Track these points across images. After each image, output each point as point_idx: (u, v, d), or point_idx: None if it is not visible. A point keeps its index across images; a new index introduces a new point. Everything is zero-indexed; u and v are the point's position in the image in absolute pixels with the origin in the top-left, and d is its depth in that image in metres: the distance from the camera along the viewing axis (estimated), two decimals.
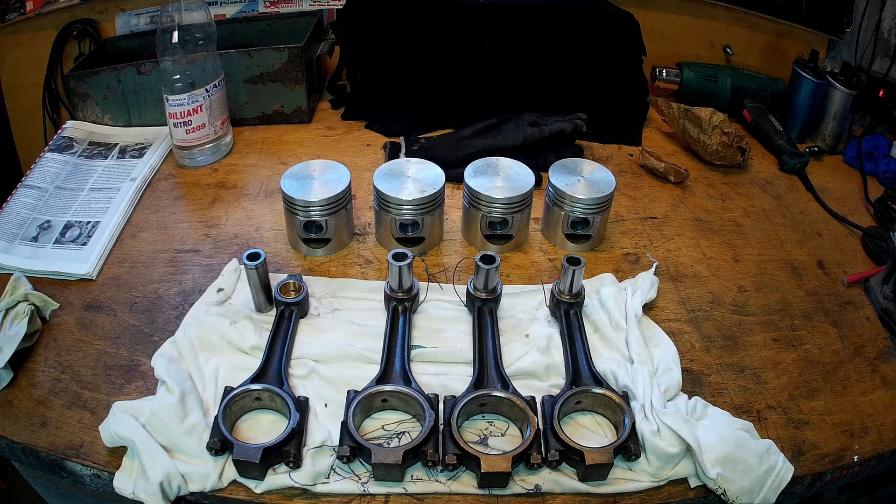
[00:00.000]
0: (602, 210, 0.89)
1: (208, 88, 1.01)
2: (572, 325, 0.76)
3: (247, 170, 1.07)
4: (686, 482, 0.64)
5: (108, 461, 0.64)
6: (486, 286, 0.77)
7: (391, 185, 0.86)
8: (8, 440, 0.66)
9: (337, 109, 1.25)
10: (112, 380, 0.72)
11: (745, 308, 0.84)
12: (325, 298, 0.81)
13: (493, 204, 0.87)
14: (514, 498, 0.62)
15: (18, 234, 0.90)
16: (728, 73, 1.25)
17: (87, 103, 1.13)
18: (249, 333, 0.74)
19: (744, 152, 1.10)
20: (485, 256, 0.76)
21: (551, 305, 0.79)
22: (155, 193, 1.01)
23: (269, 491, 0.61)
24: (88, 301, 0.81)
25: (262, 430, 0.66)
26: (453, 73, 1.18)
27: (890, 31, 1.18)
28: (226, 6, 1.30)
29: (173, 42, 0.97)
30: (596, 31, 1.18)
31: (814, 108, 1.18)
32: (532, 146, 1.05)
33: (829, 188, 1.10)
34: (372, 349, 0.73)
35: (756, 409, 0.71)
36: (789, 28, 1.28)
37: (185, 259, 0.88)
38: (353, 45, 1.20)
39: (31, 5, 1.25)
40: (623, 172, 1.09)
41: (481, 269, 0.75)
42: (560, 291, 0.78)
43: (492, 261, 0.76)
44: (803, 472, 0.65)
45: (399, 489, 0.62)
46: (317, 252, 0.89)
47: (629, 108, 1.22)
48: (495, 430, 0.67)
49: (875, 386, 0.75)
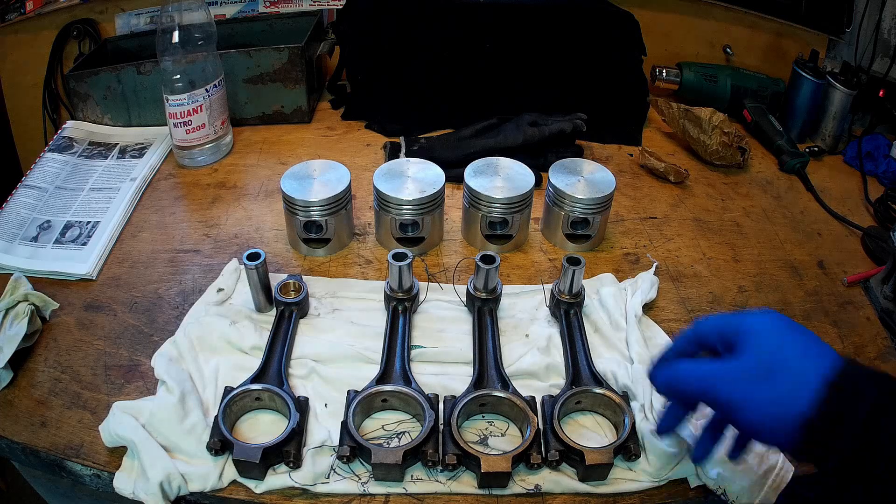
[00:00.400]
0: (602, 210, 0.89)
1: (208, 88, 1.01)
2: (572, 325, 0.76)
3: (247, 170, 1.07)
4: (686, 482, 0.64)
5: (108, 461, 0.64)
6: (486, 286, 0.77)
7: (391, 185, 0.86)
8: (8, 440, 0.66)
9: (337, 109, 1.25)
10: (112, 380, 0.72)
11: (746, 308, 0.84)
12: (325, 298, 0.81)
13: (493, 204, 0.87)
14: (514, 498, 0.62)
15: (18, 234, 0.90)
16: (728, 73, 1.25)
17: (87, 103, 1.13)
18: (249, 333, 0.74)
19: (744, 152, 1.10)
20: (485, 256, 0.76)
21: (551, 305, 0.79)
22: (155, 193, 1.01)
23: (269, 491, 0.61)
24: (88, 301, 0.81)
25: (262, 430, 0.66)
26: (453, 73, 1.18)
27: (890, 31, 1.18)
28: (226, 6, 1.30)
29: (173, 42, 0.97)
30: (596, 31, 1.18)
31: (814, 108, 1.18)
32: (532, 146, 1.05)
33: (829, 188, 1.10)
34: (372, 349, 0.73)
35: None
36: (789, 28, 1.28)
37: (185, 259, 0.88)
38: (353, 45, 1.20)
39: (31, 5, 1.25)
40: (623, 172, 1.09)
41: (481, 269, 0.75)
42: (560, 291, 0.78)
43: (492, 261, 0.76)
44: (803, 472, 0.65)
45: (399, 489, 0.62)
46: (317, 252, 0.89)
47: (629, 108, 1.22)
48: (495, 430, 0.67)
49: None
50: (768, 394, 0.48)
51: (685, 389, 0.55)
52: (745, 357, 0.50)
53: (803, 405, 0.46)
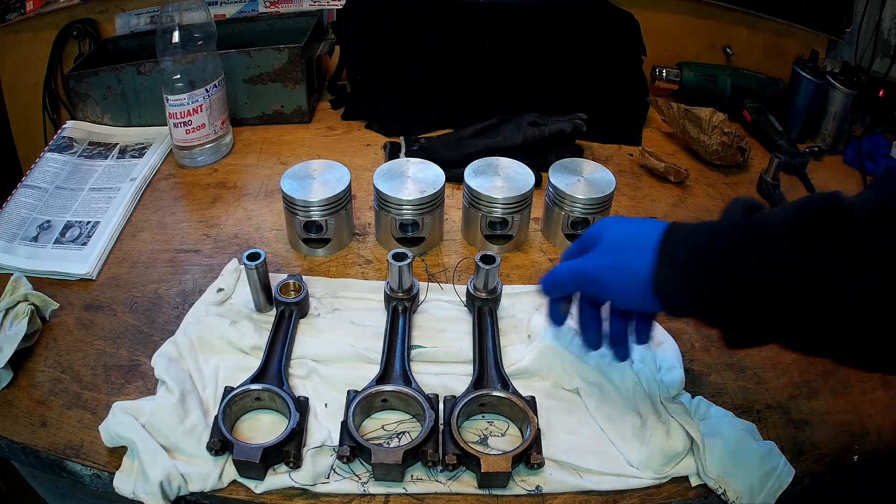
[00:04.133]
0: (602, 210, 0.89)
1: (208, 88, 1.01)
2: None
3: (247, 170, 1.07)
4: (687, 481, 0.64)
5: (108, 461, 0.64)
6: (486, 286, 0.77)
7: (391, 185, 0.86)
8: (8, 440, 0.66)
9: (337, 109, 1.25)
10: (112, 380, 0.72)
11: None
12: (325, 298, 0.81)
13: (493, 204, 0.87)
14: (515, 498, 0.62)
15: (18, 234, 0.90)
16: (728, 73, 1.25)
17: (87, 103, 1.13)
18: (249, 333, 0.74)
19: (744, 152, 1.10)
20: (485, 256, 0.76)
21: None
22: (155, 193, 1.01)
23: (269, 491, 0.61)
24: (88, 301, 0.81)
25: (262, 430, 0.66)
26: (453, 73, 1.18)
27: (890, 31, 1.18)
28: (226, 6, 1.30)
29: (173, 42, 0.97)
30: (596, 31, 1.18)
31: (814, 108, 1.18)
32: (532, 146, 1.05)
33: (830, 188, 1.09)
34: (372, 349, 0.73)
35: (756, 409, 0.71)
36: (789, 28, 1.28)
37: (185, 259, 0.88)
38: (353, 45, 1.20)
39: (31, 5, 1.25)
40: (623, 172, 1.09)
41: (481, 269, 0.75)
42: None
43: (492, 261, 0.76)
44: (803, 473, 0.65)
45: (399, 489, 0.62)
46: (317, 252, 0.89)
47: (629, 108, 1.22)
48: (495, 429, 0.67)
49: (875, 386, 0.75)
50: (620, 265, 0.59)
51: (563, 281, 0.65)
52: (601, 245, 0.62)
53: (646, 264, 0.56)
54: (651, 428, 0.65)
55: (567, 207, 0.88)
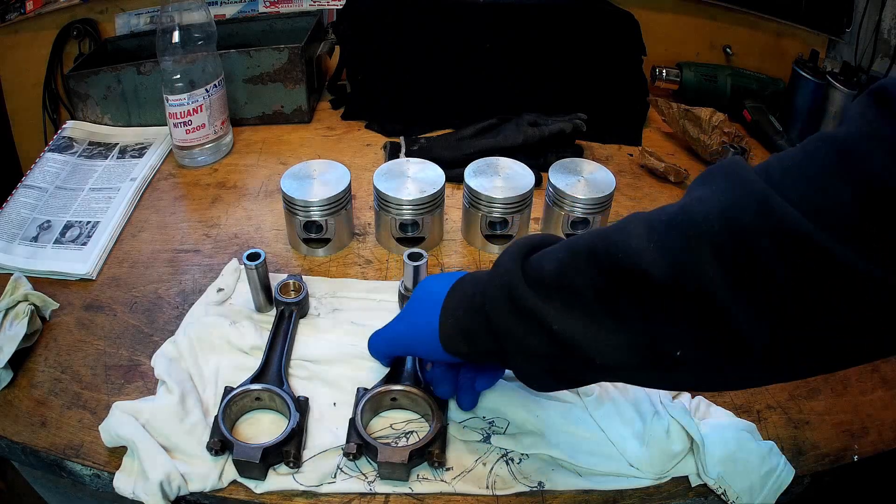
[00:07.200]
0: (602, 210, 0.89)
1: (208, 88, 1.01)
2: None
3: (247, 170, 1.07)
4: (686, 481, 0.64)
5: (108, 461, 0.64)
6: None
7: (391, 185, 0.86)
8: (8, 440, 0.66)
9: (337, 109, 1.25)
10: (112, 380, 0.72)
11: None
12: (325, 298, 0.81)
13: (493, 204, 0.87)
14: (515, 497, 0.62)
15: (18, 234, 0.90)
16: (728, 73, 1.25)
17: (86, 103, 1.13)
18: (249, 333, 0.74)
19: (744, 152, 1.10)
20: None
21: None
22: (155, 193, 1.01)
23: (269, 491, 0.61)
24: (88, 301, 0.81)
25: (262, 430, 0.66)
26: (453, 73, 1.18)
27: (890, 31, 1.18)
28: (226, 6, 1.30)
29: (173, 42, 0.97)
30: (596, 31, 1.18)
31: (814, 108, 1.18)
32: (532, 146, 1.05)
33: None
34: None
35: (756, 409, 0.71)
36: (789, 28, 1.28)
37: (185, 259, 0.88)
38: (353, 45, 1.20)
39: (31, 5, 1.25)
40: (623, 172, 1.09)
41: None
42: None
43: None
44: (803, 472, 0.65)
45: (405, 489, 0.62)
46: (317, 252, 0.89)
47: (629, 108, 1.22)
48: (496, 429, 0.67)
49: (875, 386, 0.75)
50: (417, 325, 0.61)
51: (380, 349, 0.68)
52: (408, 306, 0.64)
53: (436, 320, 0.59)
54: (651, 428, 0.65)
55: (567, 207, 0.88)
